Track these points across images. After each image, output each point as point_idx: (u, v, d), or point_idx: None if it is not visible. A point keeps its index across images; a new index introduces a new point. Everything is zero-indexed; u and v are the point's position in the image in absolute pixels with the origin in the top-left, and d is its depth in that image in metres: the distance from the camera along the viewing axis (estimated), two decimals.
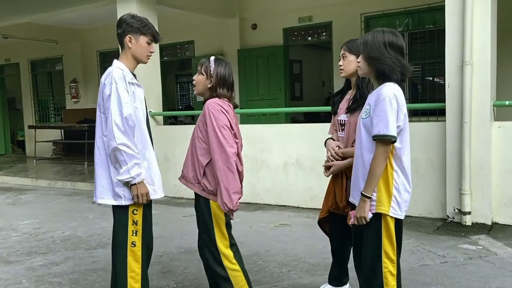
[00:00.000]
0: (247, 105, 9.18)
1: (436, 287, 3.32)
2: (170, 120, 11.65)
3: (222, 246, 2.67)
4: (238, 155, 2.66)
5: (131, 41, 2.65)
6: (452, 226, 4.77)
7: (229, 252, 2.68)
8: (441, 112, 5.28)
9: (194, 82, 2.78)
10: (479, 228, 4.67)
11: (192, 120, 11.74)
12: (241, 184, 2.72)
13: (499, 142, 4.71)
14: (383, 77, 2.29)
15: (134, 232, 2.63)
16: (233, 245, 2.73)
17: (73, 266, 4.03)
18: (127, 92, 2.55)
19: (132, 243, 2.63)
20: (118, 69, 2.60)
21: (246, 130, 6.55)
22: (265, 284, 3.48)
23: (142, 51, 2.68)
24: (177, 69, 14.79)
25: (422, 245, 4.21)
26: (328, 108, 3.33)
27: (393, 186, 2.28)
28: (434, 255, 3.97)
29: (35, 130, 11.35)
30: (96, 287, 3.56)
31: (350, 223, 2.37)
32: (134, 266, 2.63)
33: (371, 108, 2.28)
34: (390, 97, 2.21)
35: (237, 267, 2.68)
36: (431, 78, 8.11)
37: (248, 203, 6.07)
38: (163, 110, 8.00)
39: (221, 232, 2.67)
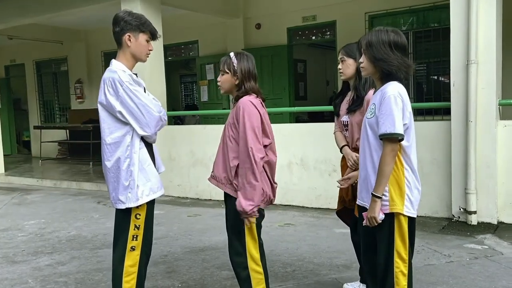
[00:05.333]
0: None
1: (441, 287, 3.31)
2: (175, 120, 11.67)
3: (252, 248, 2.61)
4: (271, 147, 2.63)
5: (130, 40, 2.54)
6: (457, 226, 4.76)
7: (257, 255, 2.63)
8: (446, 111, 5.27)
9: (219, 83, 2.69)
10: (485, 227, 4.64)
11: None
12: (274, 180, 2.68)
13: (504, 141, 4.69)
14: (388, 78, 2.28)
15: (135, 236, 2.56)
16: (261, 246, 2.67)
17: (78, 265, 4.04)
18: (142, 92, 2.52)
19: (131, 247, 2.56)
20: (121, 71, 2.51)
21: None
22: (270, 284, 3.46)
23: (142, 50, 2.58)
24: (181, 69, 14.82)
25: (428, 245, 4.20)
26: (332, 108, 3.39)
27: (405, 184, 2.27)
28: (439, 255, 3.96)
29: (41, 131, 11.41)
30: (101, 286, 3.58)
31: (363, 224, 2.34)
32: (131, 270, 2.57)
33: (376, 107, 2.27)
34: (395, 95, 2.20)
35: (260, 269, 2.63)
36: (436, 77, 8.07)
37: None
38: (168, 110, 8.01)
39: (252, 234, 2.60)
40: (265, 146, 2.58)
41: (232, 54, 2.65)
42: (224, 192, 2.66)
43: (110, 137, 2.51)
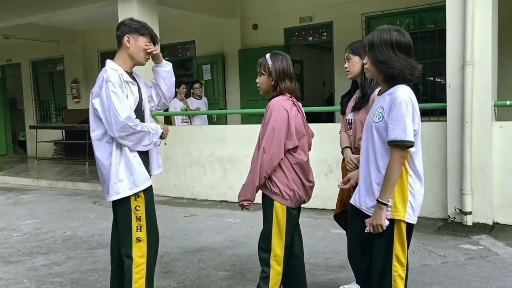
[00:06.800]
0: (247, 105, 9.17)
1: (437, 287, 3.32)
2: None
3: (277, 247, 2.64)
4: (303, 147, 2.67)
5: (129, 41, 2.65)
6: (453, 226, 4.77)
7: (281, 254, 2.65)
8: (442, 112, 5.27)
9: (258, 84, 2.76)
10: (480, 228, 4.66)
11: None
12: (308, 178, 2.72)
13: (500, 142, 4.70)
14: (392, 80, 2.21)
15: (139, 228, 2.63)
16: (287, 247, 2.68)
17: (74, 266, 4.03)
18: (122, 93, 2.55)
19: (137, 238, 2.63)
20: (111, 70, 2.58)
21: (246, 130, 6.56)
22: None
23: (140, 52, 2.67)
24: (178, 69, 14.82)
25: (423, 245, 4.21)
26: (329, 108, 3.42)
27: (409, 191, 2.24)
28: (435, 255, 3.97)
29: (36, 130, 11.36)
30: (97, 287, 3.57)
31: (366, 231, 2.29)
32: (140, 261, 2.63)
33: (385, 111, 2.19)
34: (406, 101, 2.13)
35: (281, 270, 2.66)
36: (432, 78, 8.10)
37: None
38: (164, 110, 7.99)
39: (279, 232, 2.64)
40: (289, 150, 2.61)
41: (267, 55, 2.71)
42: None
43: (93, 133, 2.67)
